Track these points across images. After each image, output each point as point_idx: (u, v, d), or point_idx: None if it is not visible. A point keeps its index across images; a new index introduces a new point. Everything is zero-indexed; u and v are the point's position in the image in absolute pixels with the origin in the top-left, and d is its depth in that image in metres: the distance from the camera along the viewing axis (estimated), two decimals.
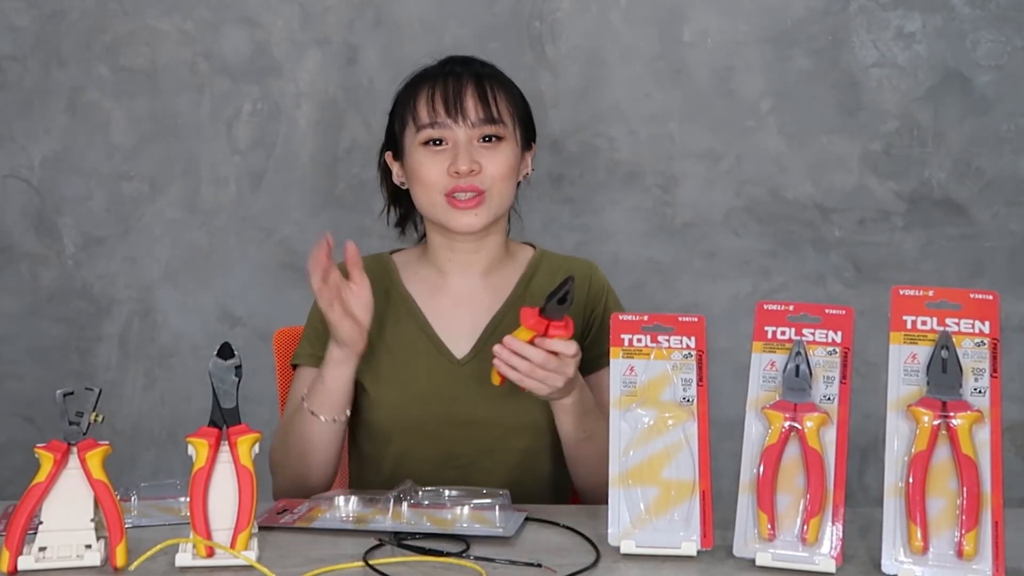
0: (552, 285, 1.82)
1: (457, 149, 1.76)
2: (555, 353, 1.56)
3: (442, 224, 1.80)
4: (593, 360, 1.80)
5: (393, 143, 1.87)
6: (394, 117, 1.86)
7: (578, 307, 1.85)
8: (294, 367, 1.89)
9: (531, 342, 1.55)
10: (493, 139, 1.78)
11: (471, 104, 1.78)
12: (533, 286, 1.87)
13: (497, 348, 1.57)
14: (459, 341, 1.84)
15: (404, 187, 1.86)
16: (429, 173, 1.78)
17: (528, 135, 1.86)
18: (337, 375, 1.72)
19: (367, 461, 1.87)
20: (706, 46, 2.87)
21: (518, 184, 1.85)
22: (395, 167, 1.87)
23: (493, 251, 1.87)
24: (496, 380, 1.61)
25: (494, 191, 1.78)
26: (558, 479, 1.84)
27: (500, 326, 1.81)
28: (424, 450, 1.79)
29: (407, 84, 1.86)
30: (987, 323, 1.33)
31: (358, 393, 1.83)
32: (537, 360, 1.55)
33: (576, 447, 1.75)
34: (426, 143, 1.79)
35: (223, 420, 1.38)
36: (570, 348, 1.56)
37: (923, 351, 1.34)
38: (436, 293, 1.87)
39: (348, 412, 1.76)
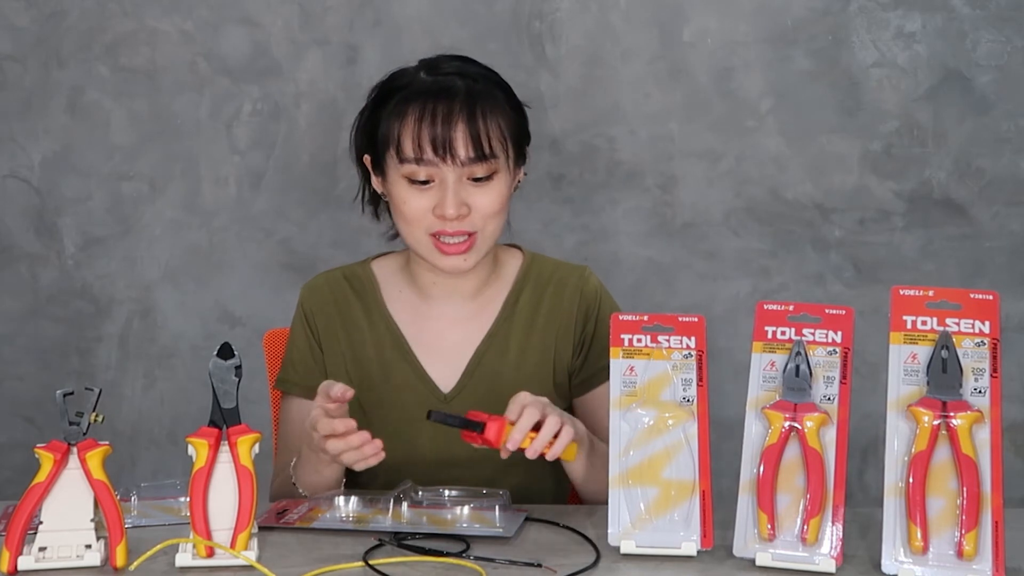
0: (542, 299, 1.79)
1: (444, 189, 1.63)
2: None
3: (427, 261, 1.71)
4: (590, 378, 1.77)
5: (372, 148, 1.71)
6: (376, 124, 1.69)
7: (569, 321, 1.78)
8: (280, 389, 1.83)
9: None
10: (485, 176, 1.66)
11: (461, 142, 1.62)
12: (521, 305, 1.79)
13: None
14: (444, 372, 1.76)
15: (385, 198, 1.73)
16: (413, 211, 1.66)
17: (522, 147, 1.73)
18: (332, 472, 1.61)
19: (358, 481, 1.76)
20: (706, 46, 2.87)
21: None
22: (375, 179, 1.73)
23: (481, 273, 1.77)
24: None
25: (486, 231, 1.67)
26: None
27: (486, 356, 1.75)
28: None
29: (394, 98, 1.67)
30: (987, 323, 1.33)
31: None
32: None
33: (582, 485, 1.67)
34: (411, 179, 1.65)
35: (223, 420, 1.38)
36: (521, 442, 1.49)
37: (923, 351, 1.34)
38: (419, 318, 1.78)
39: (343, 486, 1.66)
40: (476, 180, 1.65)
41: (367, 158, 1.75)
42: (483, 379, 1.75)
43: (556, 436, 1.50)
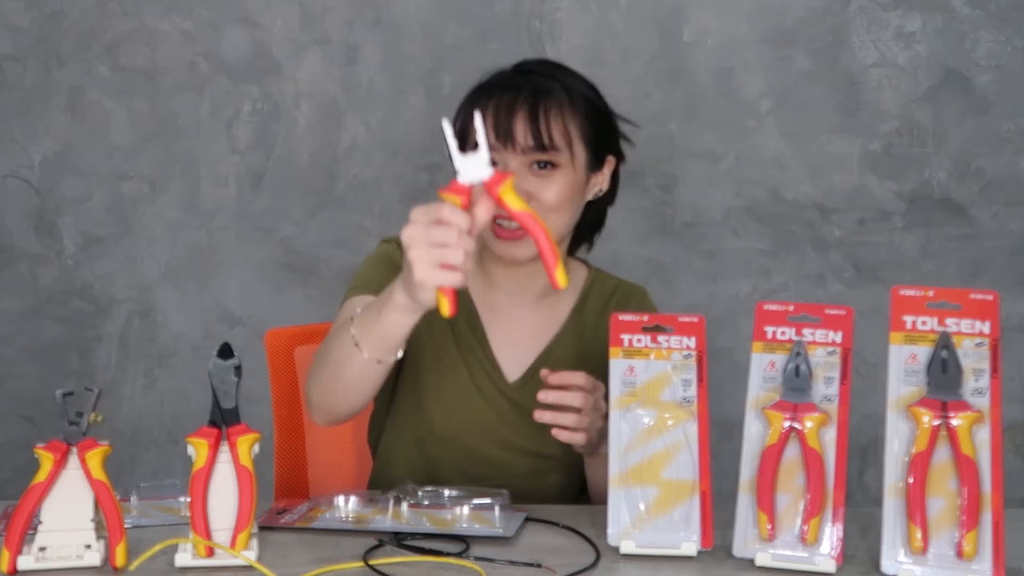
0: (604, 312, 1.80)
1: None
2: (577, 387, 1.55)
3: (488, 247, 1.73)
4: None
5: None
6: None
7: None
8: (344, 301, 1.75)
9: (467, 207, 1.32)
10: (548, 166, 1.68)
11: (520, 130, 1.67)
12: (586, 314, 1.82)
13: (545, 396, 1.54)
14: (512, 362, 1.78)
15: None
16: None
17: (598, 154, 1.75)
18: (398, 322, 1.44)
19: (399, 458, 1.81)
20: (706, 46, 2.87)
21: (595, 203, 1.79)
22: None
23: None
24: (446, 310, 1.33)
25: (546, 221, 1.69)
26: None
27: (553, 355, 1.78)
28: (462, 462, 1.75)
29: (469, 95, 1.75)
30: (987, 323, 1.33)
31: (406, 378, 1.78)
32: (579, 382, 1.54)
33: (596, 486, 1.69)
34: None
35: (223, 420, 1.38)
36: (577, 378, 1.55)
37: (923, 351, 1.34)
38: (494, 308, 1.80)
39: (400, 353, 1.50)
40: (539, 169, 1.68)
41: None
42: None
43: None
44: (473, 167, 1.29)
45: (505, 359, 1.79)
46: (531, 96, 1.69)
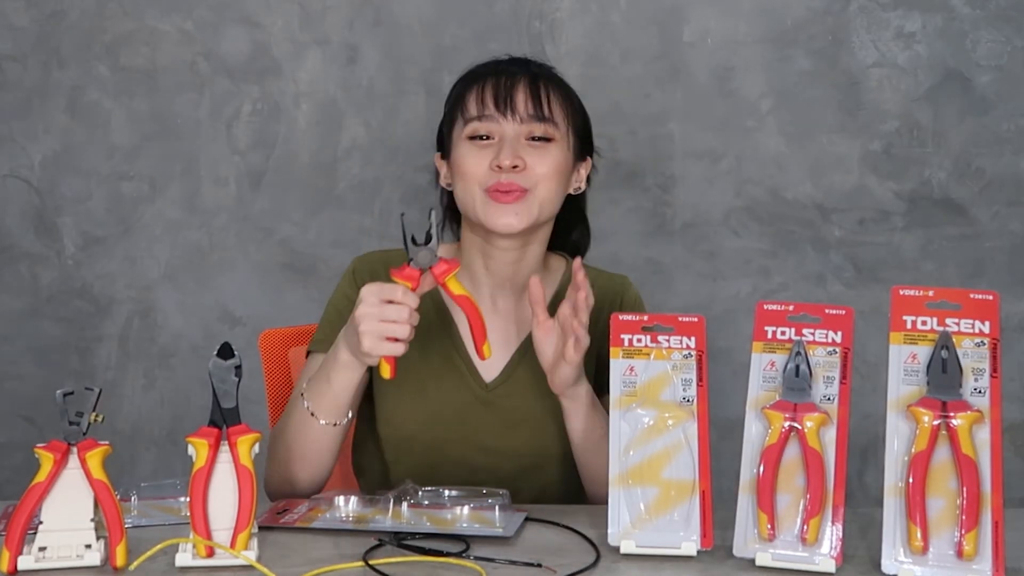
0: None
1: (502, 144, 1.69)
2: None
3: (481, 222, 1.71)
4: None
5: (442, 143, 1.80)
6: (444, 116, 1.80)
7: (607, 327, 1.77)
8: (312, 350, 1.80)
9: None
10: (542, 140, 1.71)
11: (521, 99, 1.71)
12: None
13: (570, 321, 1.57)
14: (489, 363, 1.76)
15: (450, 188, 1.77)
16: (471, 166, 1.69)
17: (583, 147, 1.79)
18: (345, 380, 1.60)
19: (379, 473, 1.81)
20: (706, 46, 2.87)
21: (578, 195, 1.80)
22: (443, 168, 1.79)
23: (531, 264, 1.79)
24: (387, 373, 1.53)
25: (538, 190, 1.69)
26: None
27: (529, 352, 1.74)
28: (441, 472, 1.73)
29: (459, 80, 1.79)
30: (987, 323, 1.33)
31: (376, 399, 1.78)
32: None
33: (585, 447, 1.68)
34: (472, 137, 1.71)
35: (223, 420, 1.38)
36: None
37: (923, 351, 1.34)
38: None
39: (350, 415, 1.65)
40: (534, 140, 1.71)
41: (438, 155, 1.82)
42: (525, 374, 1.76)
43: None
44: (423, 256, 1.52)
45: (481, 361, 1.76)
46: (529, 75, 1.75)
